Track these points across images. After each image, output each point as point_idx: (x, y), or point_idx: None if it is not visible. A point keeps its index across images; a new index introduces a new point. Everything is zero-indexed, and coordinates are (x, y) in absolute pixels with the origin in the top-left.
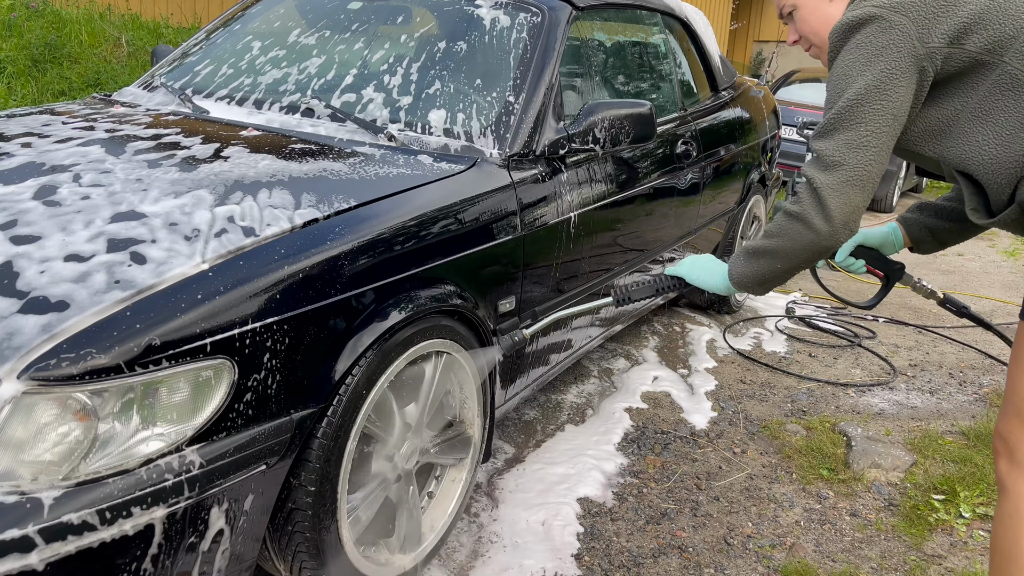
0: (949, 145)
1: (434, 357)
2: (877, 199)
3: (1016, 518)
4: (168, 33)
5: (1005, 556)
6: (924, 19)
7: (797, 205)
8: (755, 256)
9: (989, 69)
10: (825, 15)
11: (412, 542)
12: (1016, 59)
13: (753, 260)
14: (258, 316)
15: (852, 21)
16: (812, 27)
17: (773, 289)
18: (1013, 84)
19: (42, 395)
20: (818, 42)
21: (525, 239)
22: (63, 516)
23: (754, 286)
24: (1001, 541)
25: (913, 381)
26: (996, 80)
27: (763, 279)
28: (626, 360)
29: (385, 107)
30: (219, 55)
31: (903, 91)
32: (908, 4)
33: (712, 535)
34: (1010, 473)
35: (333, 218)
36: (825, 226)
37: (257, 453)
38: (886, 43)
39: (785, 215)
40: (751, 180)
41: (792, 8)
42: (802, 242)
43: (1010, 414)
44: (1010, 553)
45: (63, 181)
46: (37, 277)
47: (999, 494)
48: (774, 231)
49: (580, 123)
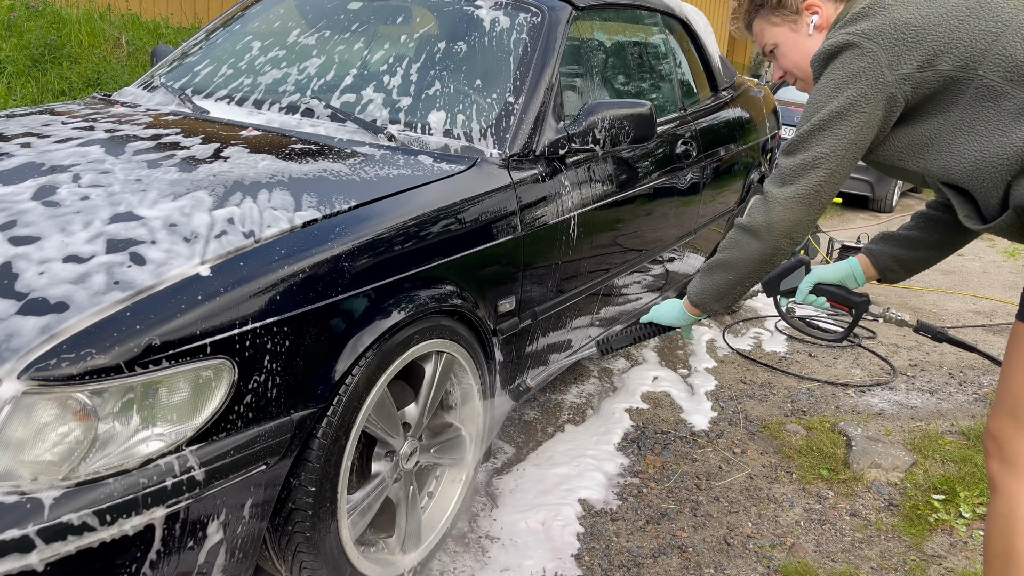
0: (932, 158)
1: (434, 357)
2: (877, 199)
3: (1010, 518)
4: (168, 33)
5: (1001, 556)
6: (895, 47)
7: (747, 217)
8: (709, 271)
9: (965, 84)
10: (804, 49)
11: (412, 542)
12: (990, 71)
13: (708, 276)
14: (258, 316)
15: (829, 49)
16: (794, 61)
17: (730, 305)
18: (990, 95)
19: (42, 395)
20: (802, 75)
21: (525, 239)
22: (63, 516)
23: (710, 302)
24: (995, 542)
25: (913, 381)
26: (974, 93)
27: (719, 292)
28: (626, 360)
29: (385, 107)
30: (219, 55)
31: (866, 118)
32: (880, 32)
33: (712, 535)
34: (1001, 472)
35: (333, 218)
36: (768, 235)
37: (257, 453)
38: (857, 70)
39: (736, 228)
40: (751, 180)
41: (773, 46)
42: (748, 251)
43: (1002, 413)
44: (1006, 553)
45: (63, 181)
46: (36, 278)
47: (991, 494)
48: (726, 244)
49: (580, 123)
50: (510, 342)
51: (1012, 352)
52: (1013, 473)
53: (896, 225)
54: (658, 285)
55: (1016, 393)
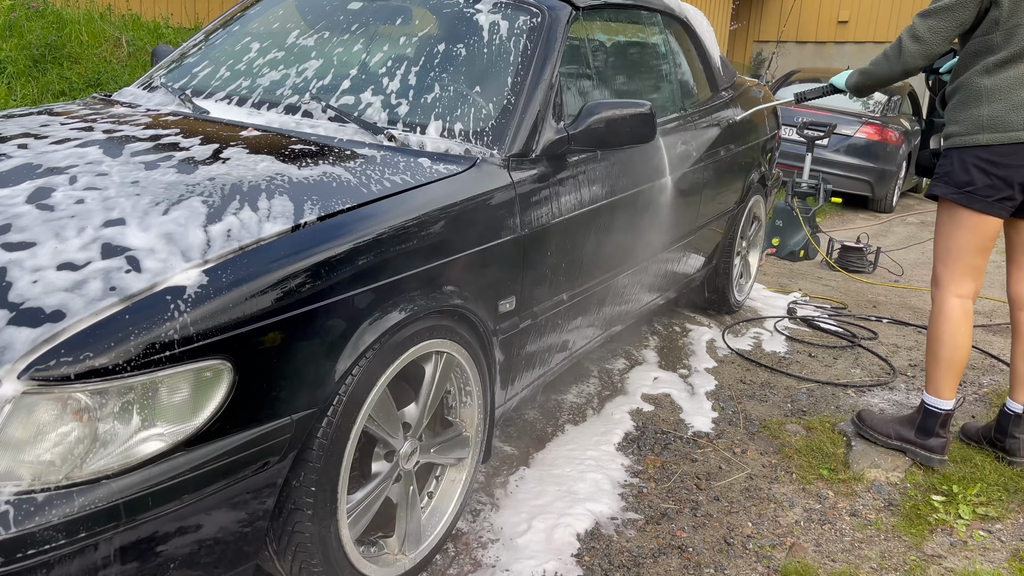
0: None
1: (434, 357)
2: (877, 199)
3: (936, 314)
4: (168, 33)
5: (930, 337)
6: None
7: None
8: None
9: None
10: None
11: (412, 542)
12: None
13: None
14: (258, 316)
15: None
16: None
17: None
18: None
19: (42, 395)
20: None
21: (525, 239)
22: (63, 516)
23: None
24: (930, 330)
25: (913, 381)
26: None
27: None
28: (626, 360)
29: (385, 108)
30: (219, 55)
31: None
32: None
33: (712, 535)
34: (936, 292)
35: (333, 218)
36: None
37: (257, 453)
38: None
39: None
40: (751, 180)
41: None
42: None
43: (936, 262)
44: (931, 335)
45: (59, 183)
46: (34, 282)
47: (934, 305)
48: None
49: (580, 123)
50: (510, 342)
51: (937, 227)
52: (938, 288)
53: (896, 225)
54: (659, 285)
55: (939, 250)
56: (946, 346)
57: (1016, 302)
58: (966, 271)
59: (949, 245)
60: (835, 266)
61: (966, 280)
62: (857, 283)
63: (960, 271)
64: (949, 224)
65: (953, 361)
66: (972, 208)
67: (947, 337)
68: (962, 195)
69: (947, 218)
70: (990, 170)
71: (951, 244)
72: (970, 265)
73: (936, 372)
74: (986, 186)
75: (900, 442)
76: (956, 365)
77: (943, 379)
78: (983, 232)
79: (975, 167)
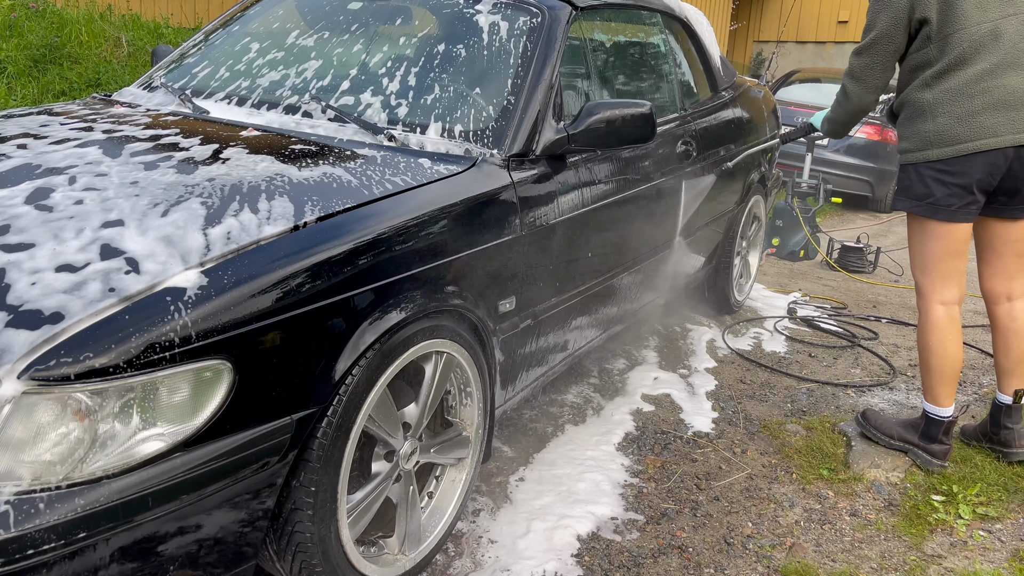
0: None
1: (434, 357)
2: (877, 199)
3: (923, 324)
4: (168, 33)
5: (920, 347)
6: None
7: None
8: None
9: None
10: None
11: (412, 542)
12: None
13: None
14: (258, 317)
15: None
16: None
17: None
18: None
19: (42, 395)
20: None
21: (525, 239)
22: (63, 516)
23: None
24: (919, 340)
25: (913, 381)
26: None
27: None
28: (626, 360)
29: (385, 108)
30: (219, 56)
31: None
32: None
33: (712, 535)
34: (920, 302)
35: (333, 218)
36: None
37: (257, 453)
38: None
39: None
40: (751, 180)
41: None
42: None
43: (914, 273)
44: (921, 345)
45: (59, 184)
46: (32, 284)
47: (920, 315)
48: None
49: (580, 123)
50: (510, 342)
51: (909, 242)
52: (921, 297)
53: (896, 225)
54: (658, 285)
55: (914, 261)
56: (935, 355)
57: (990, 297)
58: (945, 277)
59: (923, 255)
60: (835, 266)
61: (948, 286)
62: (857, 283)
63: (939, 278)
64: (919, 234)
65: (945, 369)
66: (937, 219)
67: (936, 347)
68: (925, 207)
69: (916, 229)
70: (946, 180)
71: (925, 253)
72: (947, 270)
73: (930, 381)
74: (946, 195)
75: (903, 443)
76: (949, 373)
77: (938, 387)
78: (954, 238)
79: (932, 180)
